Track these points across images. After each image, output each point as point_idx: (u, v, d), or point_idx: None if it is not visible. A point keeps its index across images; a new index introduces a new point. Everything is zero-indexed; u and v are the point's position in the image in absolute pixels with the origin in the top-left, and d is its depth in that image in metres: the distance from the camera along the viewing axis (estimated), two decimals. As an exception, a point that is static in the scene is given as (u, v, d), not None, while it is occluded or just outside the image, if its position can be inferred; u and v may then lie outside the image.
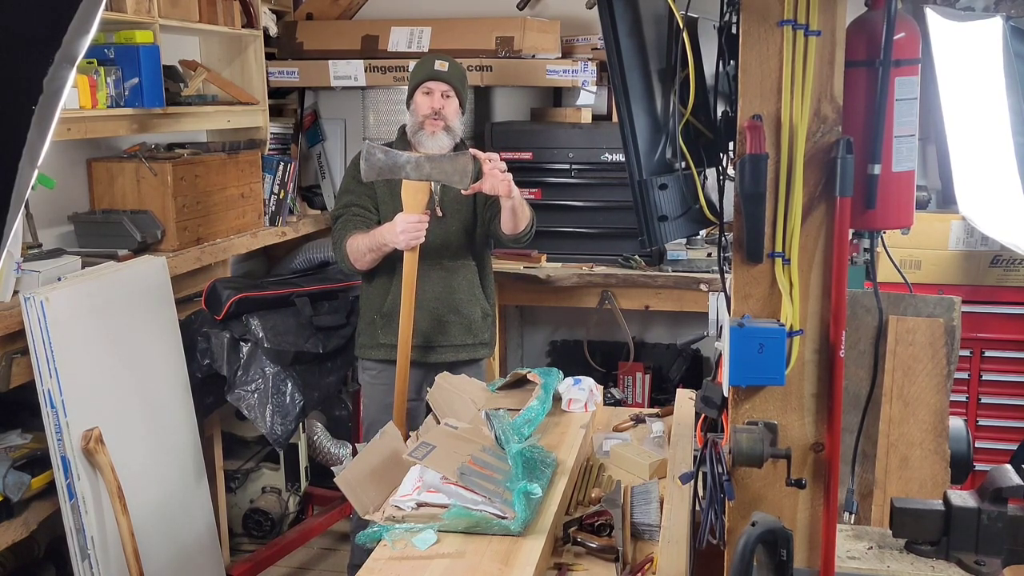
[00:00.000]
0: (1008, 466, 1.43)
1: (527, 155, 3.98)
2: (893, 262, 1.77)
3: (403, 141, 3.20)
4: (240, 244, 3.70)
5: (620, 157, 3.72)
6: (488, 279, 3.28)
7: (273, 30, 4.21)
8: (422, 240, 2.89)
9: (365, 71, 4.11)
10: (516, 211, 2.99)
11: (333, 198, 4.27)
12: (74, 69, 0.78)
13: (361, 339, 3.22)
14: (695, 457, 1.66)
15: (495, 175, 2.88)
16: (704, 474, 1.53)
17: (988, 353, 3.65)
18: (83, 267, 2.93)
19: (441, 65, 3.16)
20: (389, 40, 4.13)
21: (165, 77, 3.31)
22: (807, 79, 1.40)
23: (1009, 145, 3.00)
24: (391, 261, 3.06)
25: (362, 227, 3.07)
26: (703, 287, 3.67)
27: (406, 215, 2.89)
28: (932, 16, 3.06)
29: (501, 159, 2.96)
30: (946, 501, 1.43)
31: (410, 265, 2.91)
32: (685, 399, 2.61)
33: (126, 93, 3.13)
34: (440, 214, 3.05)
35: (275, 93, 4.29)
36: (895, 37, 1.39)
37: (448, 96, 3.14)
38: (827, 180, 1.42)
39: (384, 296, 3.12)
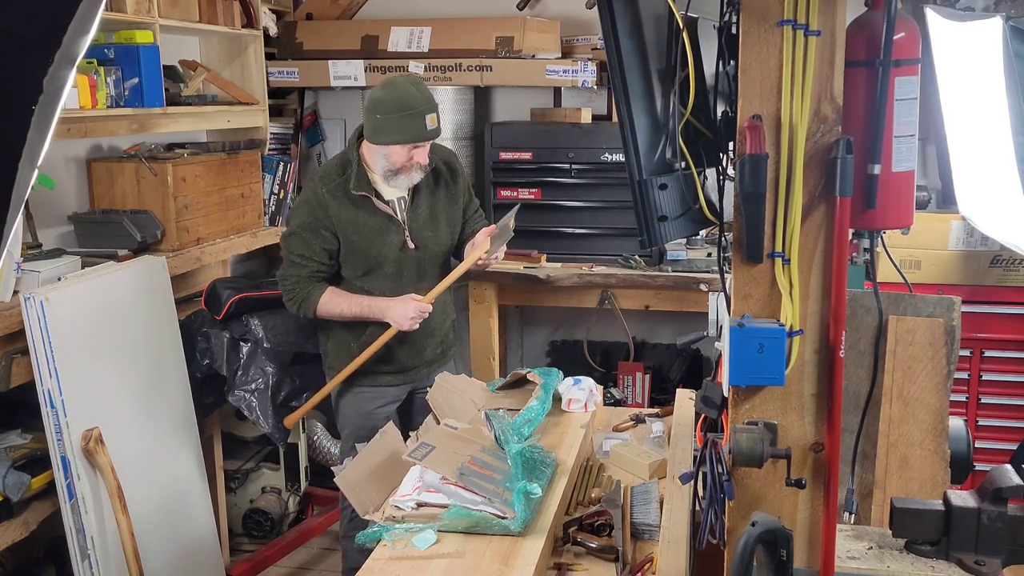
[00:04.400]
0: (1008, 466, 1.43)
1: (527, 155, 3.98)
2: (893, 262, 1.76)
3: (360, 173, 2.90)
4: (240, 244, 3.70)
5: (620, 157, 3.71)
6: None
7: (273, 30, 4.22)
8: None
9: (365, 71, 4.11)
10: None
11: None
12: (74, 69, 0.78)
13: (331, 361, 3.08)
14: (695, 457, 1.66)
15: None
16: (704, 474, 1.53)
17: (988, 353, 3.65)
18: (83, 267, 2.93)
19: (432, 122, 2.84)
20: (389, 40, 4.13)
21: (165, 77, 3.32)
22: (807, 79, 1.40)
23: (1009, 145, 2.99)
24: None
25: (323, 284, 2.94)
26: (703, 287, 3.67)
27: (422, 305, 2.87)
28: (932, 16, 3.06)
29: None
30: (946, 501, 1.43)
31: (389, 335, 2.91)
32: (685, 399, 2.61)
33: (126, 93, 3.14)
34: (412, 246, 2.97)
35: (275, 93, 4.29)
36: (895, 37, 1.39)
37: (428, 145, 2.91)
38: (827, 180, 1.42)
39: (363, 328, 2.98)
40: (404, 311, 2.87)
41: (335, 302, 2.92)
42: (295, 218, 3.02)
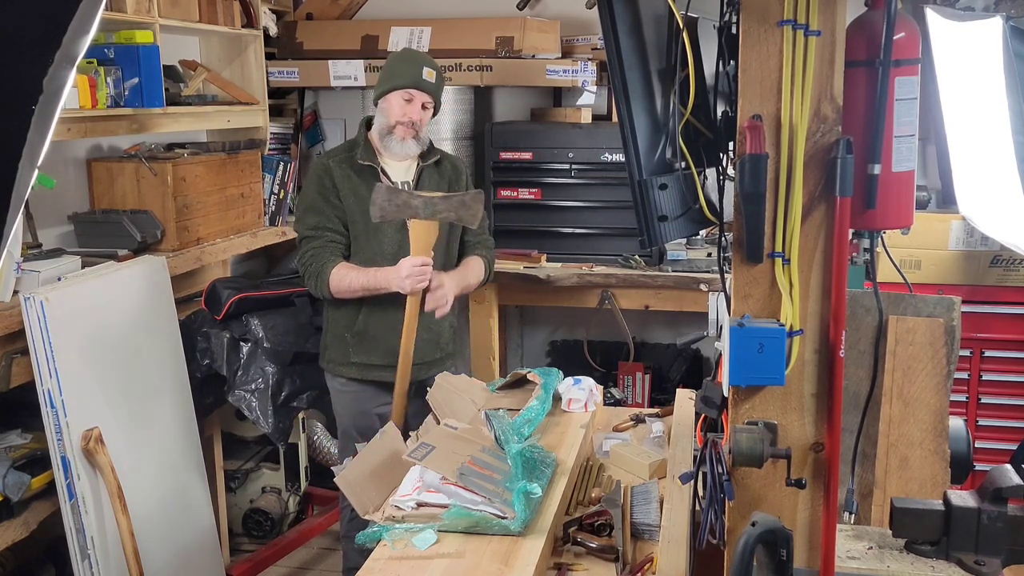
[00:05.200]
0: (1008, 466, 1.43)
1: (527, 155, 3.98)
2: (893, 262, 1.76)
3: (368, 146, 3.00)
4: (240, 244, 3.70)
5: (620, 157, 3.71)
6: None
7: (273, 30, 4.22)
8: (426, 284, 2.80)
9: (365, 71, 4.11)
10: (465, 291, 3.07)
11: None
12: (74, 69, 0.78)
13: (329, 354, 3.07)
14: (695, 457, 1.66)
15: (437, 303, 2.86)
16: (704, 474, 1.53)
17: (988, 353, 3.65)
18: (83, 267, 2.93)
19: (429, 75, 2.95)
20: (389, 40, 4.13)
21: (165, 77, 3.31)
22: (807, 79, 1.40)
23: (1009, 145, 3.00)
24: None
25: (338, 255, 2.94)
26: (703, 287, 3.67)
27: (413, 259, 2.78)
28: (932, 16, 3.06)
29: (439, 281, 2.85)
30: (946, 501, 1.43)
31: (413, 309, 2.81)
32: (685, 399, 2.61)
33: (126, 93, 3.14)
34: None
35: (275, 93, 4.29)
36: (895, 37, 1.39)
37: (427, 108, 2.99)
38: (827, 180, 1.42)
39: (356, 315, 2.98)
40: (400, 272, 2.80)
41: (343, 274, 2.89)
42: (304, 196, 3.06)
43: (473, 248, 3.14)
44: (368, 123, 3.06)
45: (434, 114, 3.06)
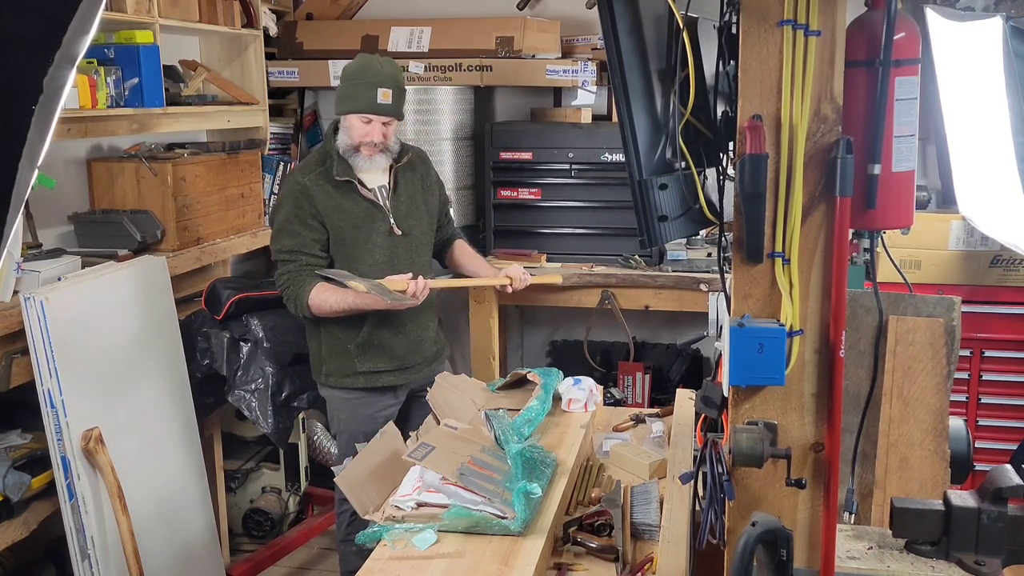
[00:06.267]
0: (1008, 466, 1.43)
1: (527, 155, 3.98)
2: (893, 262, 1.76)
3: (342, 160, 2.93)
4: (240, 244, 3.70)
5: (620, 157, 3.72)
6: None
7: (273, 30, 4.22)
8: (426, 291, 2.83)
9: (365, 71, 4.11)
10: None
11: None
12: (74, 69, 0.78)
13: (329, 367, 3.02)
14: (695, 457, 1.66)
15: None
16: (704, 474, 1.53)
17: (988, 353, 3.65)
18: (83, 267, 2.93)
19: (385, 96, 2.88)
20: (389, 40, 4.13)
21: (165, 77, 3.32)
22: (807, 79, 1.40)
23: (1009, 145, 2.99)
24: None
25: (314, 277, 2.88)
26: (703, 287, 3.67)
27: (405, 296, 2.78)
28: (932, 16, 3.06)
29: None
30: (946, 501, 1.43)
31: (440, 283, 2.93)
32: (685, 399, 2.61)
33: (126, 93, 3.14)
34: (399, 232, 2.98)
35: (275, 93, 4.29)
36: (895, 37, 1.39)
37: (388, 124, 2.92)
38: (827, 180, 1.42)
39: (359, 327, 2.96)
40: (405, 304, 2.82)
41: (323, 296, 2.86)
42: (279, 215, 2.97)
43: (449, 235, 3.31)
44: (336, 126, 2.99)
45: (400, 119, 3.01)
